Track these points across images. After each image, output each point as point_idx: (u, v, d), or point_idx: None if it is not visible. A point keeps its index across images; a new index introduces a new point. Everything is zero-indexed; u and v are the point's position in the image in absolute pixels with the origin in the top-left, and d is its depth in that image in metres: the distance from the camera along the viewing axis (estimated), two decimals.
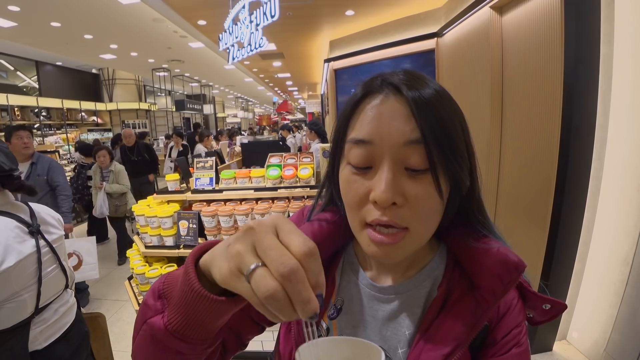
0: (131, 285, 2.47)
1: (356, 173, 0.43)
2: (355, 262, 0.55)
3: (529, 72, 2.37)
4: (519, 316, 0.48)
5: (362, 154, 0.42)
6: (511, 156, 2.68)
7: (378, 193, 0.40)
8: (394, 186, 0.40)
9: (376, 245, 0.43)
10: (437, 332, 0.45)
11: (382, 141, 0.41)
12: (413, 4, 4.35)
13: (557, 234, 2.01)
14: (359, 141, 0.42)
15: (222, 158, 3.90)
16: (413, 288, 0.50)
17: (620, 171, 1.86)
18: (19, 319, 1.08)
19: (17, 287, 1.06)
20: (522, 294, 0.50)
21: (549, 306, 0.48)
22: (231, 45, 4.75)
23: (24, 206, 1.20)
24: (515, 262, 0.43)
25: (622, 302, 1.84)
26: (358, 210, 0.44)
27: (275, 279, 0.26)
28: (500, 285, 0.43)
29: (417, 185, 0.41)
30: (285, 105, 23.86)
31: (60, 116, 10.22)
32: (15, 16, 5.41)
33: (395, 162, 0.41)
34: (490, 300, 0.44)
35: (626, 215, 1.83)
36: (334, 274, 0.55)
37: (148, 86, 13.49)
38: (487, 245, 0.46)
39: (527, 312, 0.50)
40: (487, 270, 0.44)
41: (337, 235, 0.53)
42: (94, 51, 8.25)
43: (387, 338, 0.49)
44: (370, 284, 0.52)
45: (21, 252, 1.07)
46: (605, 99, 1.87)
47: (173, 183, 2.34)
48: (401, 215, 0.41)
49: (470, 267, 0.47)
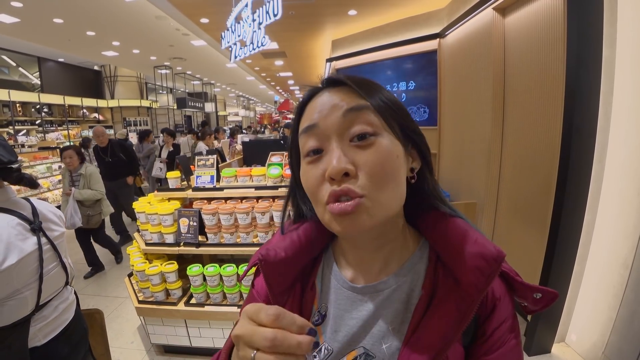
0: (131, 282, 2.48)
1: (311, 162, 0.47)
2: (335, 265, 0.56)
3: (531, 74, 2.37)
4: (508, 309, 0.48)
5: (311, 138, 0.46)
6: (512, 157, 2.68)
7: (330, 168, 0.43)
8: (343, 158, 0.43)
9: (340, 218, 0.44)
10: (424, 333, 0.45)
11: (325, 122, 0.45)
12: (416, 4, 4.34)
13: (557, 236, 2.01)
14: (306, 128, 0.47)
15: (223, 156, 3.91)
16: (393, 284, 0.50)
17: (620, 173, 1.86)
18: (19, 316, 1.08)
19: (19, 285, 1.06)
20: (509, 285, 0.49)
21: (540, 295, 0.47)
22: (233, 44, 4.74)
23: (26, 203, 1.19)
24: (493, 253, 0.43)
25: (621, 305, 1.85)
26: (317, 193, 0.46)
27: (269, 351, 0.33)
28: (481, 277, 0.43)
29: (366, 152, 0.44)
30: (286, 104, 23.85)
31: (61, 113, 10.21)
32: (17, 12, 5.42)
33: (341, 138, 0.45)
34: (474, 294, 0.44)
35: (626, 218, 1.83)
36: (314, 281, 0.56)
37: (150, 83, 13.49)
38: (465, 238, 0.46)
39: (519, 302, 0.50)
40: (467, 264, 0.45)
41: (312, 244, 0.56)
42: (96, 48, 8.25)
43: (370, 336, 0.49)
44: (350, 286, 0.53)
45: (23, 250, 1.07)
46: (606, 102, 1.87)
47: (174, 180, 2.34)
48: (355, 184, 0.43)
49: (450, 263, 0.47)
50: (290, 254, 0.53)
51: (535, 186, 2.35)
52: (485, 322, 0.47)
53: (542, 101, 2.25)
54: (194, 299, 2.22)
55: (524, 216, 2.52)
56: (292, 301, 0.54)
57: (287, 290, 0.54)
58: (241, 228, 2.13)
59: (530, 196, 2.44)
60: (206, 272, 2.13)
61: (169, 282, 2.24)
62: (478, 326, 0.48)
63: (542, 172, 2.26)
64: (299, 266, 0.55)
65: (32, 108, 9.28)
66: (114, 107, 12.15)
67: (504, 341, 0.46)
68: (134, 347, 2.52)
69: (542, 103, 2.24)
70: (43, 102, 9.36)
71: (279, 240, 0.55)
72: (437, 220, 0.51)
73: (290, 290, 0.55)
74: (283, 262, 0.52)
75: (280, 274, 0.53)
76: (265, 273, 0.52)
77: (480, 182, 3.07)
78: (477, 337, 0.47)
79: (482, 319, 0.47)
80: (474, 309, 0.44)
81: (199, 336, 2.25)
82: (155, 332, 2.32)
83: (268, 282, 0.52)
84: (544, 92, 2.22)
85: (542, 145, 2.26)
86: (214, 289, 2.17)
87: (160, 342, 2.37)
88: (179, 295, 2.27)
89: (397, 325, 0.48)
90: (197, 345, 2.28)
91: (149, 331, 2.33)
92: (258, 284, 0.59)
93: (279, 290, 0.53)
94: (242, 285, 2.18)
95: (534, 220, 2.37)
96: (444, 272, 0.48)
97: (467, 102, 3.35)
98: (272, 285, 0.52)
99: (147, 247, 2.26)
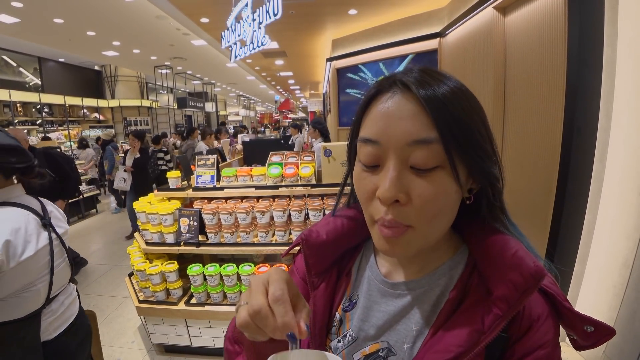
0: (132, 282, 2.48)
1: (366, 170, 0.45)
2: (372, 257, 0.56)
3: (531, 73, 2.36)
4: (547, 335, 0.42)
5: (370, 152, 0.43)
6: (513, 157, 2.67)
7: (382, 191, 0.41)
8: (397, 184, 0.41)
9: (385, 240, 0.44)
10: (444, 336, 0.44)
11: (388, 141, 0.42)
12: (416, 3, 4.33)
13: (557, 236, 2.01)
14: (367, 140, 0.44)
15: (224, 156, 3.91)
16: (425, 285, 0.49)
17: (621, 173, 1.86)
18: (33, 309, 1.12)
19: (33, 277, 1.10)
20: (555, 310, 0.44)
21: (592, 329, 0.42)
22: (233, 43, 4.74)
23: (35, 200, 1.23)
24: (531, 268, 0.40)
25: (622, 305, 1.84)
26: (368, 205, 0.45)
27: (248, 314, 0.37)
28: (514, 293, 0.40)
29: (423, 183, 0.41)
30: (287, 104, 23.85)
31: (62, 113, 10.23)
32: (18, 12, 5.42)
33: (400, 161, 0.41)
34: (504, 309, 0.41)
35: (627, 218, 1.82)
36: (351, 268, 0.57)
37: (150, 83, 13.50)
38: (504, 248, 0.44)
39: (567, 333, 0.45)
40: (501, 276, 0.42)
41: (356, 232, 0.56)
42: (97, 48, 8.26)
43: (395, 332, 0.49)
44: (382, 280, 0.53)
45: (38, 243, 1.12)
46: (607, 101, 1.86)
47: (174, 180, 2.34)
48: (404, 213, 0.42)
49: (485, 272, 0.45)
50: (331, 238, 0.54)
51: (536, 186, 2.35)
52: (515, 343, 0.43)
53: (542, 100, 2.24)
54: (194, 299, 2.22)
55: (525, 216, 2.52)
56: (325, 285, 0.55)
57: (324, 272, 0.56)
58: (241, 228, 2.13)
59: (530, 196, 2.43)
60: (206, 272, 2.13)
61: (169, 281, 2.24)
62: (507, 347, 0.43)
63: (543, 172, 2.25)
64: (339, 251, 0.57)
65: (32, 108, 9.29)
66: (114, 107, 12.17)
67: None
68: (135, 347, 2.52)
69: (543, 102, 2.23)
70: (43, 102, 9.37)
71: (324, 224, 0.56)
72: (480, 228, 0.49)
73: (327, 274, 0.56)
74: (323, 245, 0.54)
75: (319, 256, 0.54)
76: (305, 253, 0.54)
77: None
78: (504, 359, 0.43)
79: (512, 339, 0.43)
80: (500, 325, 0.41)
81: (200, 336, 2.25)
82: (156, 332, 2.32)
83: (307, 261, 0.54)
84: (544, 91, 2.22)
85: (543, 144, 2.26)
86: (215, 288, 2.17)
87: (160, 342, 2.37)
88: (180, 294, 2.27)
89: (421, 327, 0.47)
90: (197, 344, 2.28)
91: (150, 331, 2.33)
92: (298, 262, 0.61)
93: (316, 271, 0.55)
94: (242, 285, 2.18)
95: (535, 220, 2.37)
96: (478, 281, 0.46)
97: None
98: (310, 266, 0.55)
99: (148, 247, 2.26)
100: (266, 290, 0.38)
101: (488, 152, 0.44)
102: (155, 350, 2.45)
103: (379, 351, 0.49)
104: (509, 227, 0.49)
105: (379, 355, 0.49)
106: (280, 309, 0.36)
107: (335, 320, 0.55)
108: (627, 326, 1.81)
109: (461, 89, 0.43)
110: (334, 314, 0.55)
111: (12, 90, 8.19)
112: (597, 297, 2.01)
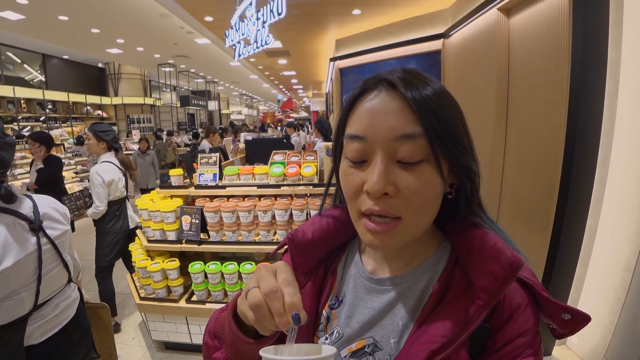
0: (133, 279, 2.49)
1: (352, 166, 0.46)
2: (358, 255, 0.58)
3: (535, 75, 2.36)
4: (527, 323, 0.44)
5: (357, 148, 0.45)
6: (515, 159, 2.66)
7: (370, 184, 0.43)
8: (385, 177, 0.42)
9: (371, 234, 0.45)
10: (428, 328, 0.45)
11: (374, 137, 0.43)
12: (420, 4, 4.33)
13: (559, 239, 2.00)
14: (354, 137, 0.45)
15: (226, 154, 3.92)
16: (410, 280, 0.51)
17: (623, 177, 1.85)
18: (16, 316, 1.06)
19: (16, 286, 1.04)
20: (535, 299, 0.46)
21: (569, 316, 0.44)
22: (237, 42, 4.75)
23: (27, 200, 1.14)
24: (509, 258, 0.42)
25: (623, 308, 1.84)
26: (354, 200, 0.46)
27: (262, 294, 0.39)
28: (494, 282, 0.42)
29: (409, 176, 0.43)
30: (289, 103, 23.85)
31: (65, 109, 10.27)
32: (23, 9, 5.45)
33: (387, 155, 0.43)
34: (485, 299, 0.42)
35: (629, 222, 1.82)
36: (336, 267, 0.59)
37: (153, 81, 13.52)
38: (484, 241, 0.46)
39: (547, 323, 0.47)
40: (482, 267, 0.44)
41: (341, 231, 0.58)
42: (101, 45, 8.29)
43: (381, 328, 0.50)
44: (368, 277, 0.54)
45: (20, 252, 1.04)
46: (611, 104, 1.85)
47: (177, 178, 2.35)
48: (393, 205, 0.43)
49: (467, 264, 0.47)
50: (317, 237, 0.56)
51: (538, 188, 2.34)
52: (497, 333, 0.44)
53: (546, 102, 2.23)
54: (195, 296, 2.23)
55: (527, 219, 2.51)
56: (312, 284, 0.57)
57: (310, 271, 0.57)
58: (243, 226, 2.13)
59: (533, 198, 2.43)
60: (208, 270, 2.14)
61: (170, 279, 2.25)
62: (489, 337, 0.45)
63: (546, 175, 2.24)
64: (325, 250, 0.58)
65: (36, 105, 9.33)
66: (117, 104, 12.20)
67: (515, 356, 0.43)
68: (135, 343, 2.53)
69: (546, 104, 2.23)
70: (47, 99, 9.40)
71: (310, 223, 0.58)
72: (461, 223, 0.51)
73: (313, 273, 0.57)
74: (310, 244, 0.55)
75: (305, 255, 0.56)
76: (292, 252, 0.55)
77: (483, 184, 3.00)
78: (487, 348, 0.45)
79: (494, 329, 0.44)
80: (482, 314, 0.42)
81: (200, 333, 2.26)
82: (157, 329, 2.33)
83: (294, 260, 0.55)
84: (548, 93, 2.21)
85: (546, 147, 2.25)
86: (216, 286, 2.17)
87: (161, 339, 2.38)
88: (181, 292, 2.27)
89: (406, 321, 0.49)
90: (197, 342, 2.29)
91: (150, 327, 2.34)
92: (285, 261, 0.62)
93: (303, 270, 0.56)
94: (243, 283, 2.19)
95: (537, 223, 2.36)
96: (461, 274, 0.48)
97: (470, 102, 3.33)
98: (296, 265, 0.55)
99: (149, 244, 2.27)
100: (274, 276, 0.41)
101: (467, 148, 0.47)
102: (155, 347, 2.46)
103: (365, 347, 0.50)
104: (487, 222, 0.51)
105: (365, 351, 0.50)
106: (290, 290, 0.39)
107: (322, 318, 0.56)
108: (629, 329, 1.80)
109: (442, 89, 0.46)
110: (320, 311, 0.56)
111: (16, 87, 8.23)
112: (598, 300, 2.00)
